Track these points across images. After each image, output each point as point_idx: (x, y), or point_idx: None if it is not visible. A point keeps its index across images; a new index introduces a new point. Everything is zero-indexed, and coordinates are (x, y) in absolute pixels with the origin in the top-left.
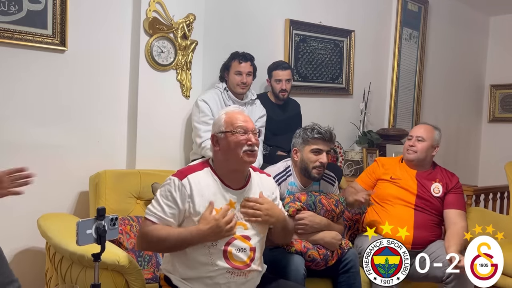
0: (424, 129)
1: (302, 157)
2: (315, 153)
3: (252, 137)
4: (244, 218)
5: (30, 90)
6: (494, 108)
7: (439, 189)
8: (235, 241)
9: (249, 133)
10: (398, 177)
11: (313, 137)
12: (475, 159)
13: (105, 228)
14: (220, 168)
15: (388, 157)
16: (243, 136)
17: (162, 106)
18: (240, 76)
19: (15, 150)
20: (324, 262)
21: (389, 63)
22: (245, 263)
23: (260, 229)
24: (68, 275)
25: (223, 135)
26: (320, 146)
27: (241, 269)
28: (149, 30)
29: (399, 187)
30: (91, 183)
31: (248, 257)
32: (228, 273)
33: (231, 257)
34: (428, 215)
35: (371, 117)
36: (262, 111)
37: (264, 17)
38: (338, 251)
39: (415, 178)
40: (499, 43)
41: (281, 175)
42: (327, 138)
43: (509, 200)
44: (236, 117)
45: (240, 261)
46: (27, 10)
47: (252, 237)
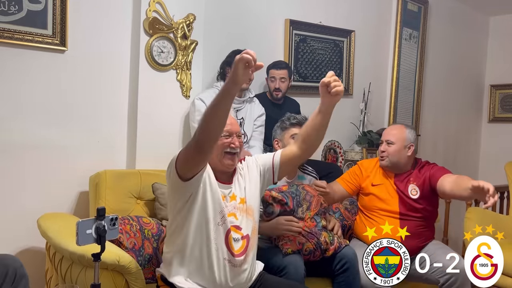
0: (393, 131)
1: (283, 145)
2: (294, 138)
3: (235, 140)
4: (234, 209)
5: (30, 90)
6: (494, 108)
7: (416, 191)
8: (231, 232)
9: (233, 136)
10: (378, 182)
11: (291, 123)
12: (475, 159)
13: (105, 228)
14: (212, 165)
15: (369, 160)
16: (227, 139)
17: (162, 106)
18: None
19: (15, 150)
20: (320, 250)
21: (389, 63)
22: (239, 251)
23: (250, 218)
24: (68, 275)
25: None
26: (298, 131)
27: (238, 256)
28: (149, 30)
29: (381, 200)
30: (91, 183)
31: (242, 246)
32: (226, 261)
33: (231, 242)
34: (414, 221)
35: (371, 117)
36: (261, 110)
37: (264, 17)
38: (335, 244)
39: (393, 184)
40: (499, 43)
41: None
42: (303, 122)
43: (509, 200)
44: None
45: (237, 249)
46: (27, 10)
47: (243, 226)
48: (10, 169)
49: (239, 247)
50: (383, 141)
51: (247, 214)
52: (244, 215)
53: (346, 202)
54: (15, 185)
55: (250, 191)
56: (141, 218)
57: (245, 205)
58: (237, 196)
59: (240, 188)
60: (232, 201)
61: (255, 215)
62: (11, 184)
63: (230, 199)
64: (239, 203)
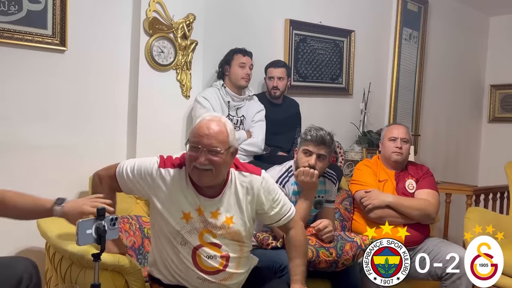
0: (405, 131)
1: (297, 156)
2: (305, 153)
3: (202, 156)
4: (213, 228)
5: (30, 90)
6: (494, 108)
7: (413, 185)
8: (202, 248)
9: (201, 151)
10: (383, 178)
11: (306, 138)
12: (475, 159)
13: (105, 228)
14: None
15: (367, 160)
16: (192, 153)
17: (162, 106)
18: (244, 68)
19: (15, 150)
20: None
21: (389, 63)
22: (216, 268)
23: (233, 241)
24: (68, 275)
25: (188, 143)
26: (310, 148)
27: (211, 274)
28: (149, 30)
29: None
30: (91, 183)
31: (220, 264)
32: (199, 277)
33: (200, 262)
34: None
35: (371, 117)
36: (260, 106)
37: (264, 17)
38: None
39: (394, 179)
40: (499, 43)
41: (284, 177)
42: (316, 141)
43: (509, 200)
44: (200, 130)
45: (210, 267)
46: (27, 10)
47: (224, 245)
48: (10, 169)
49: (216, 266)
50: (397, 138)
51: (230, 237)
52: (226, 237)
53: (346, 202)
54: (15, 185)
55: (241, 216)
56: (141, 217)
57: (229, 227)
58: (220, 213)
59: (229, 206)
60: (212, 218)
61: (242, 239)
62: (11, 184)
63: (211, 215)
64: (223, 222)
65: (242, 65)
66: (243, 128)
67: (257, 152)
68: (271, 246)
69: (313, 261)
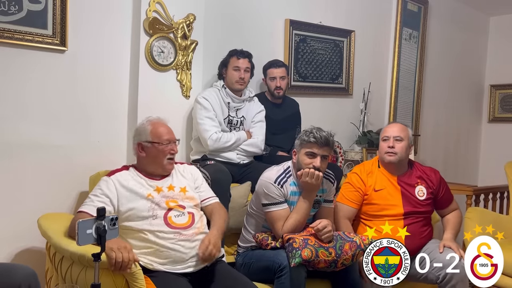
0: (400, 128)
1: (298, 159)
2: (309, 156)
3: (174, 147)
4: (174, 196)
5: (30, 90)
6: (494, 108)
7: (423, 192)
8: (171, 211)
9: (172, 143)
10: (381, 187)
11: (309, 140)
12: (475, 159)
13: (105, 228)
14: (145, 169)
15: (364, 164)
16: (167, 147)
17: (162, 106)
18: (238, 72)
19: (15, 150)
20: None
21: (389, 63)
22: (186, 223)
23: (193, 204)
24: (68, 275)
25: (149, 144)
26: (314, 150)
27: (184, 229)
28: (149, 30)
29: (384, 204)
30: (91, 183)
31: (188, 219)
32: (174, 236)
33: (171, 221)
34: (417, 222)
35: (371, 117)
36: (260, 107)
37: (264, 17)
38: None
39: (397, 184)
40: (499, 43)
41: (282, 177)
42: (321, 143)
43: (509, 200)
44: (161, 130)
45: (181, 223)
46: (27, 10)
47: (187, 207)
48: (10, 169)
49: (185, 221)
50: (389, 136)
51: (189, 200)
52: (185, 200)
53: None
54: (16, 185)
55: (190, 185)
56: None
57: (185, 194)
58: (175, 186)
59: (179, 181)
60: (170, 190)
61: (199, 204)
62: (11, 184)
63: (168, 189)
64: (179, 192)
65: (236, 68)
66: (243, 128)
67: (257, 153)
68: (270, 246)
69: (312, 260)
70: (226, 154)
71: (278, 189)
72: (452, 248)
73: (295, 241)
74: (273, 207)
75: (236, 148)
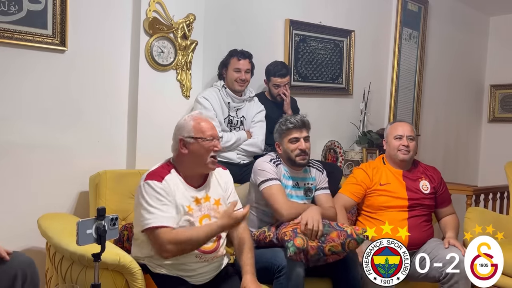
0: (411, 128)
1: (284, 148)
2: (292, 142)
3: (218, 143)
4: (208, 210)
5: (30, 90)
6: (494, 108)
7: (427, 186)
8: None
9: (215, 140)
10: (386, 181)
11: (287, 128)
12: (475, 159)
13: (105, 228)
14: (185, 170)
15: (370, 162)
16: (211, 143)
17: (162, 106)
18: (239, 73)
19: (15, 150)
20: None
21: (389, 63)
22: (211, 248)
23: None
24: (68, 275)
25: (192, 140)
26: (296, 135)
27: (207, 253)
28: (149, 30)
29: (390, 196)
30: (91, 183)
31: (214, 243)
32: (195, 259)
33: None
34: (421, 215)
35: (371, 117)
36: (260, 107)
37: (264, 17)
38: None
39: (402, 179)
40: (499, 43)
41: (276, 159)
42: (299, 125)
43: (509, 200)
44: (204, 125)
45: (206, 247)
46: (27, 10)
47: None
48: (10, 169)
49: (210, 245)
50: (402, 135)
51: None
52: (217, 215)
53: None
54: (16, 185)
55: (224, 197)
56: None
57: (218, 208)
58: (211, 197)
59: (216, 191)
60: (206, 202)
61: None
62: (11, 184)
63: (204, 200)
64: (213, 204)
65: (237, 70)
66: (243, 128)
67: (257, 153)
68: (269, 239)
69: (305, 248)
70: (226, 154)
71: (273, 166)
72: (456, 245)
73: (286, 234)
74: (269, 182)
75: (236, 148)
